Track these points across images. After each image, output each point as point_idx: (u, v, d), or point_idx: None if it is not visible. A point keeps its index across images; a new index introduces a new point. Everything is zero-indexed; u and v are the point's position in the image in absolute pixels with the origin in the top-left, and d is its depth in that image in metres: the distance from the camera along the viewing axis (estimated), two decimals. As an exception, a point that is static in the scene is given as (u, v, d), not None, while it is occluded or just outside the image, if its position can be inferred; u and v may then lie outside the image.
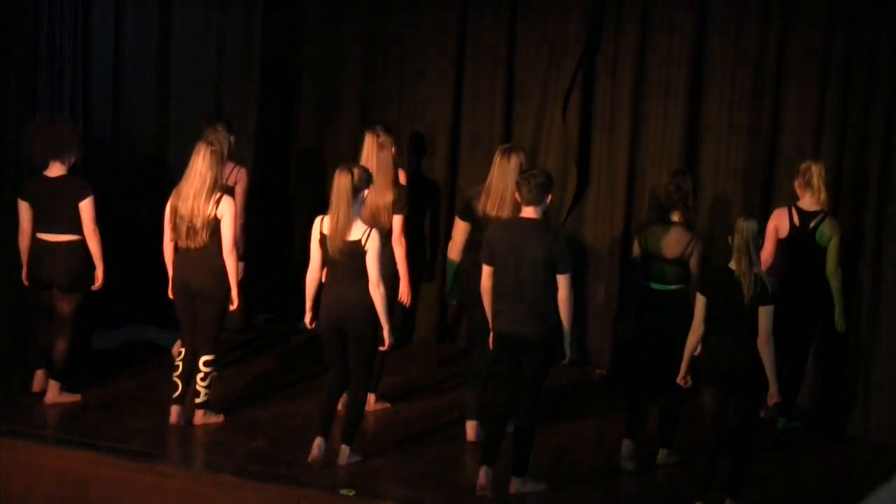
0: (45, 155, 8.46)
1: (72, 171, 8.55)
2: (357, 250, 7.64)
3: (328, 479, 7.69)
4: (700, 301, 7.36)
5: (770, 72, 9.44)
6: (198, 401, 8.43)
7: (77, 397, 8.77)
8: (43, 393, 8.73)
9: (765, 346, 7.20)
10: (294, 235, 10.67)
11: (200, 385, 8.38)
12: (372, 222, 7.97)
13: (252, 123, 10.62)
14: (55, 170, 8.49)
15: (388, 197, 8.38)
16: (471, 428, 8.39)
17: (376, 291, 7.67)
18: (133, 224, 10.06)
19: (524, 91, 10.21)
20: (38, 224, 8.52)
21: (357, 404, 7.86)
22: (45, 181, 8.48)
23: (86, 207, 8.47)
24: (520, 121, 10.24)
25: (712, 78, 9.68)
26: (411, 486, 7.72)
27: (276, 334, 10.61)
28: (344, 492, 7.50)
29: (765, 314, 7.18)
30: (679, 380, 7.52)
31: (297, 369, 9.73)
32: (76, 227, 8.50)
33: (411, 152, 10.52)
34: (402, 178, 9.61)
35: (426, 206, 10.32)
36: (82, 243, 8.53)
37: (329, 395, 7.95)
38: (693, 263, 7.90)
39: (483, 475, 7.55)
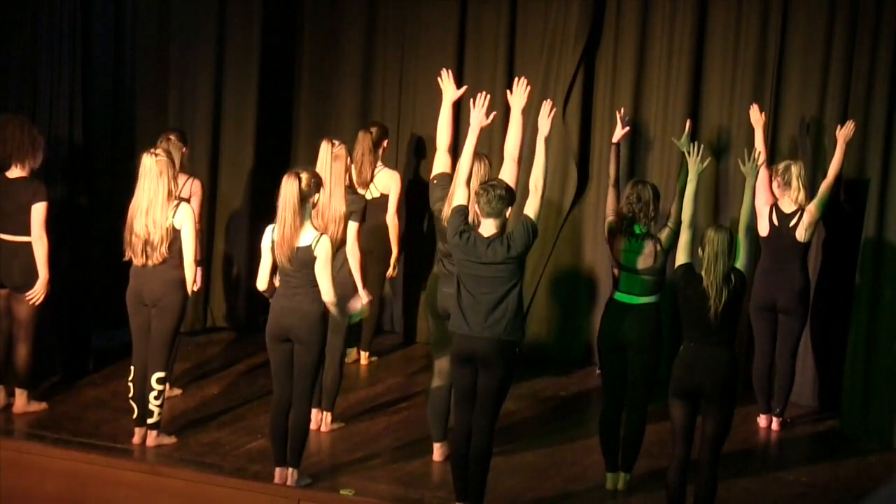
0: (1, 156, 8.40)
1: (34, 173, 8.45)
2: (306, 258, 7.33)
3: (327, 478, 7.69)
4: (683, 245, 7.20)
5: (770, 70, 9.45)
6: (150, 421, 8.05)
7: (44, 405, 8.65)
8: (6, 406, 8.58)
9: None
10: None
11: (153, 404, 7.99)
12: (324, 231, 7.68)
13: (251, 123, 10.62)
14: (15, 171, 8.43)
15: (343, 206, 8.11)
16: (438, 449, 8.12)
17: (330, 303, 7.38)
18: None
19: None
20: None
21: (301, 421, 7.50)
22: (4, 181, 8.43)
23: (37, 211, 8.31)
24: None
25: (712, 76, 9.69)
26: (411, 486, 7.72)
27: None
28: (344, 492, 7.49)
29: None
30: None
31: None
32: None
33: (409, 154, 10.51)
34: (398, 182, 9.62)
35: (424, 208, 10.29)
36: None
37: (275, 411, 7.56)
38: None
39: None
